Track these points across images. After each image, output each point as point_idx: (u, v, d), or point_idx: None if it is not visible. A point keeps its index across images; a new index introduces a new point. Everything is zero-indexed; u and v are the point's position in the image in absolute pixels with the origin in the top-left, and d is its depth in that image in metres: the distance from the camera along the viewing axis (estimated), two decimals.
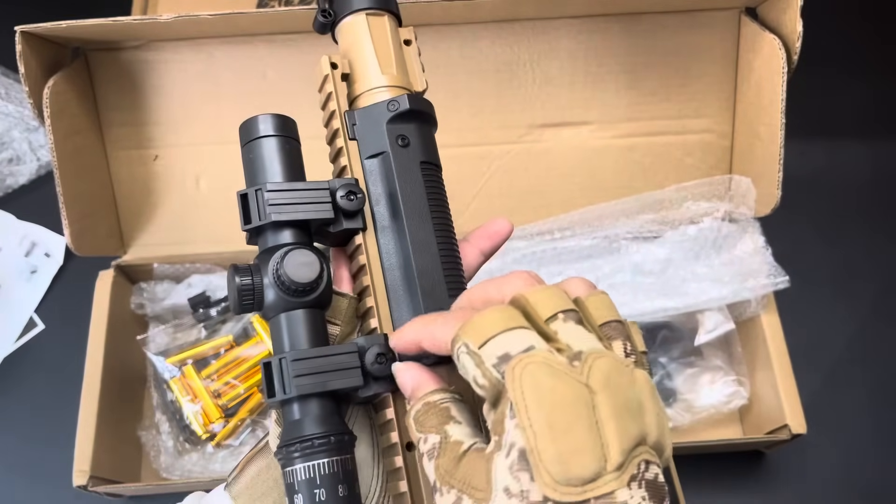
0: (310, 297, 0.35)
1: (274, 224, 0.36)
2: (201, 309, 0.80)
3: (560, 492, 0.25)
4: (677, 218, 0.76)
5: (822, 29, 0.73)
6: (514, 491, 0.26)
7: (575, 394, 0.27)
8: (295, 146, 0.39)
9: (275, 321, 0.35)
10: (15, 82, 0.92)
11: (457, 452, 0.29)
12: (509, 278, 0.32)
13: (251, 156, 0.38)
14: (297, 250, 0.35)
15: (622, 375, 0.28)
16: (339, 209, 0.37)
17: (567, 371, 0.27)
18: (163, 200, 0.80)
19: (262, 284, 0.35)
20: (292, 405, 0.34)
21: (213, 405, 0.76)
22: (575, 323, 0.30)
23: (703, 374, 0.78)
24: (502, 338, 0.29)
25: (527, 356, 0.27)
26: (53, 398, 0.80)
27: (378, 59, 0.41)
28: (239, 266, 0.35)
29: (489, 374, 0.28)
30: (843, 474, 0.76)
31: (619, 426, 0.26)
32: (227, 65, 0.76)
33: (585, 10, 0.75)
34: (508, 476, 0.27)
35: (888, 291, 0.86)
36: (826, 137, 0.93)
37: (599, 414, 0.26)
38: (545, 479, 0.26)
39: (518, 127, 0.80)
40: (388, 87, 0.40)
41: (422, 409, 0.32)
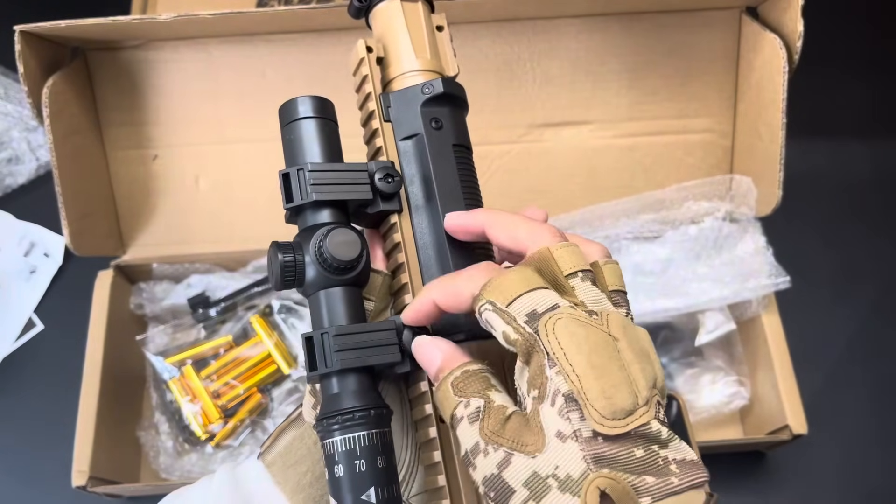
0: (349, 275, 0.36)
1: (315, 203, 0.37)
2: (200, 309, 0.80)
3: (608, 426, 0.28)
4: (678, 218, 0.76)
5: (823, 28, 0.73)
6: (567, 433, 0.29)
7: (604, 339, 0.30)
8: (333, 128, 0.39)
9: (314, 298, 0.36)
10: (14, 82, 0.92)
11: (503, 415, 0.31)
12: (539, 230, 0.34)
13: (291, 136, 0.39)
14: (339, 229, 0.36)
15: (633, 328, 0.31)
16: (377, 191, 0.38)
17: (592, 321, 0.30)
18: (162, 200, 0.80)
19: (303, 261, 0.36)
20: (331, 379, 0.35)
21: (212, 405, 0.76)
22: (591, 283, 0.33)
23: (704, 375, 0.78)
24: (528, 297, 0.31)
25: (554, 312, 0.30)
26: (52, 398, 0.79)
27: (412, 43, 0.42)
28: (281, 243, 0.36)
29: (522, 329, 0.31)
30: (844, 474, 0.76)
31: (641, 367, 0.30)
32: (226, 64, 0.76)
33: (586, 9, 0.75)
34: (558, 420, 0.29)
35: (889, 291, 0.85)
36: (827, 137, 0.93)
37: (624, 357, 0.30)
38: (594, 415, 0.28)
39: (518, 126, 0.79)
40: (421, 70, 0.41)
41: (461, 377, 0.33)
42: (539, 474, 0.29)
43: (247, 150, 0.79)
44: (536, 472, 0.29)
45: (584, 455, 0.29)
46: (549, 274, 0.33)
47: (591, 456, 0.28)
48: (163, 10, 0.87)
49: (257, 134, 0.79)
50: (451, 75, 0.43)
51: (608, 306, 0.32)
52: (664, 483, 0.29)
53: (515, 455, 0.30)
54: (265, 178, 0.80)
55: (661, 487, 0.28)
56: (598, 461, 0.28)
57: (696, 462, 0.30)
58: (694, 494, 0.29)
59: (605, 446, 0.29)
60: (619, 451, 0.29)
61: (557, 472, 0.29)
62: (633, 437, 0.29)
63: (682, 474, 0.29)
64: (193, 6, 0.68)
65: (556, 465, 0.29)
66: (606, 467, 0.28)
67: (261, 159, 0.79)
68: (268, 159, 0.79)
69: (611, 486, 0.28)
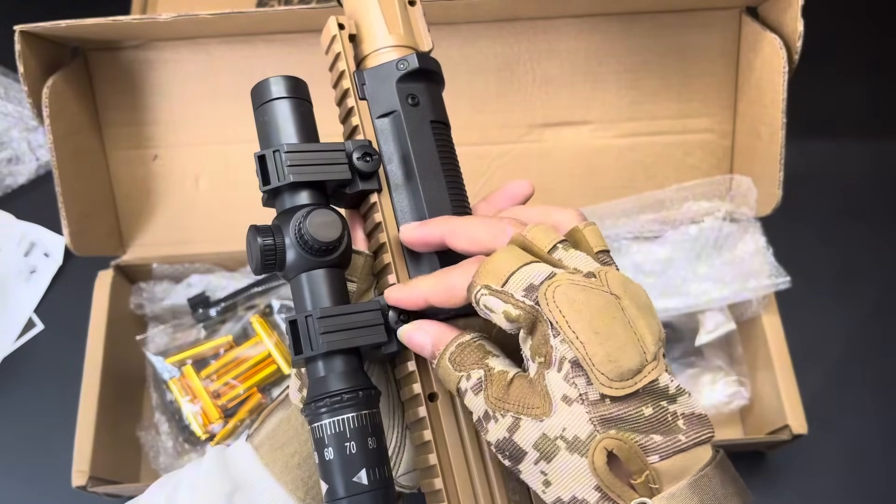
0: (331, 257, 0.35)
1: (293, 185, 0.36)
2: (201, 309, 0.80)
3: (615, 388, 0.29)
4: (678, 218, 0.76)
5: (823, 28, 0.73)
6: (573, 396, 0.29)
7: (606, 301, 0.30)
8: (308, 108, 0.39)
9: (296, 281, 0.36)
10: (14, 82, 0.92)
11: (505, 380, 0.31)
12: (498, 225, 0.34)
13: (266, 118, 0.38)
14: (319, 209, 0.35)
15: (632, 283, 0.31)
16: (356, 170, 0.37)
17: (592, 284, 0.30)
18: (162, 200, 0.80)
19: (283, 244, 0.35)
20: (317, 362, 0.35)
21: (212, 405, 0.76)
22: (574, 249, 0.33)
23: (704, 375, 0.78)
24: (521, 272, 0.31)
25: (552, 280, 0.30)
26: (52, 398, 0.79)
27: (385, 19, 0.41)
28: (259, 226, 0.36)
29: (521, 304, 0.31)
30: (845, 474, 0.76)
31: (646, 322, 0.30)
32: (226, 64, 0.76)
33: (586, 9, 0.75)
34: (565, 385, 0.29)
35: (889, 291, 0.85)
36: (827, 137, 0.93)
37: (628, 314, 0.30)
38: (600, 379, 0.29)
39: (518, 126, 0.79)
40: (395, 46, 0.40)
41: (456, 351, 0.33)
42: (548, 436, 0.30)
43: (247, 150, 0.78)
44: (545, 433, 0.30)
45: (591, 417, 0.29)
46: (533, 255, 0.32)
47: (597, 418, 0.29)
48: (163, 10, 0.87)
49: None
50: (426, 50, 0.42)
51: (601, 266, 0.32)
52: (672, 441, 0.29)
53: (523, 419, 0.30)
54: None
55: (669, 445, 0.29)
56: (605, 422, 0.29)
57: (703, 417, 0.30)
58: (701, 450, 0.30)
59: (612, 407, 0.29)
60: (628, 411, 0.29)
61: (565, 434, 0.29)
62: (642, 394, 0.29)
63: (689, 430, 0.29)
64: (193, 6, 0.68)
65: (564, 428, 0.29)
66: (614, 428, 0.29)
67: None
68: None
69: (617, 447, 0.28)
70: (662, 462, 0.29)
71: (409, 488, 0.40)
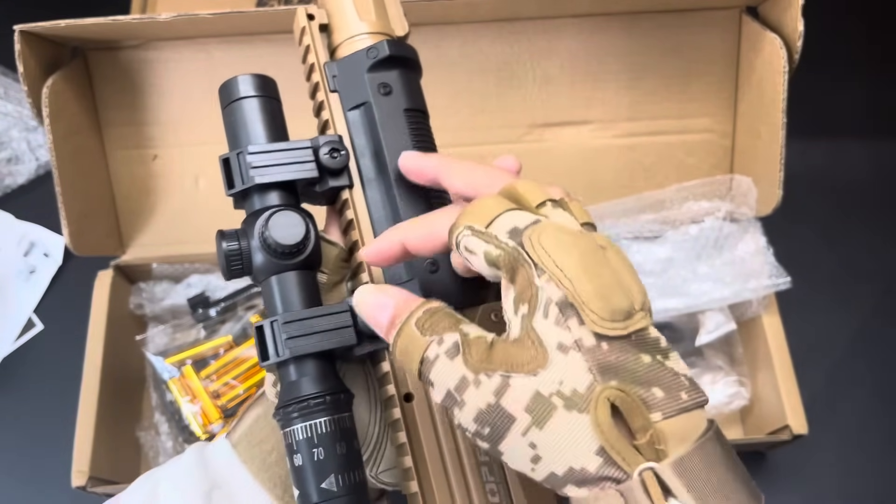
0: (297, 259, 0.35)
1: (258, 187, 0.35)
2: (200, 309, 0.80)
3: (608, 327, 0.26)
4: (678, 218, 0.76)
5: (824, 28, 0.73)
6: (568, 343, 0.27)
7: (593, 244, 0.28)
8: (276, 106, 0.38)
9: (265, 284, 0.35)
10: (14, 82, 0.92)
11: (485, 343, 0.29)
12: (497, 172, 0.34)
13: (232, 118, 0.37)
14: (281, 212, 0.34)
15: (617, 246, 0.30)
16: (324, 167, 0.36)
17: (578, 230, 0.29)
18: (162, 200, 0.80)
19: (249, 248, 0.35)
20: (288, 366, 0.34)
21: (212, 406, 0.76)
22: (563, 210, 0.31)
23: (704, 375, 0.77)
24: (507, 216, 0.30)
25: (538, 225, 0.29)
26: (52, 399, 0.79)
27: (355, 5, 0.40)
28: (225, 231, 0.35)
29: (504, 245, 0.29)
30: (845, 475, 0.76)
31: (632, 276, 0.28)
32: (226, 64, 0.76)
33: (586, 9, 0.75)
34: (557, 330, 0.27)
35: (890, 291, 0.85)
36: (827, 137, 0.93)
37: (614, 265, 0.28)
38: (592, 317, 0.26)
39: (518, 126, 0.79)
40: (366, 34, 0.39)
41: (425, 316, 0.30)
42: (542, 394, 0.26)
43: None
44: (539, 391, 0.26)
45: (590, 366, 0.26)
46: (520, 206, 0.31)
47: (596, 366, 0.26)
48: (163, 10, 0.87)
49: None
50: (401, 35, 0.41)
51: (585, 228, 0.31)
52: (674, 398, 0.26)
53: (514, 377, 0.27)
54: None
55: (672, 403, 0.26)
56: (605, 371, 0.26)
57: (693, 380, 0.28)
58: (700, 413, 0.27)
59: (610, 354, 0.26)
60: (627, 358, 0.26)
61: (562, 388, 0.26)
62: (636, 342, 0.27)
63: (691, 389, 0.27)
64: (193, 6, 0.68)
65: (561, 381, 0.26)
66: (614, 378, 0.26)
67: None
68: None
69: (621, 399, 0.25)
70: (666, 421, 0.26)
71: (391, 485, 0.39)
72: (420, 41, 0.43)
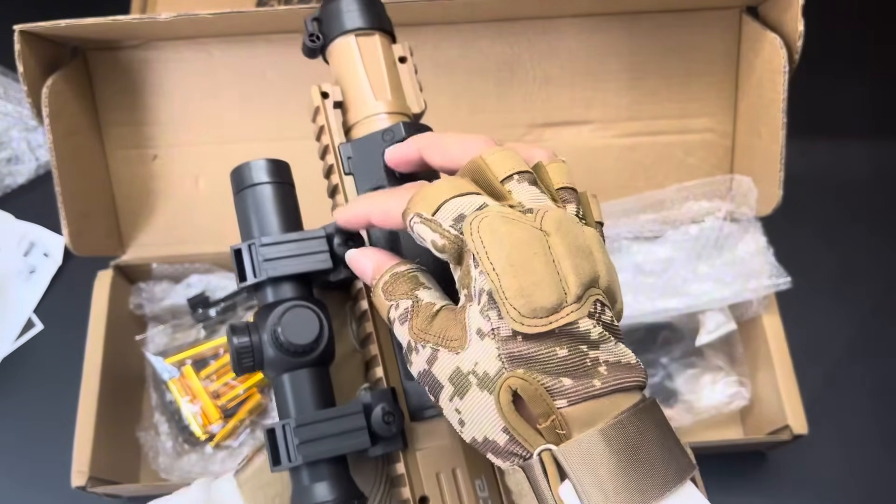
0: (310, 357, 0.34)
1: (270, 280, 0.35)
2: (200, 309, 0.80)
3: (527, 324, 0.28)
4: (678, 218, 0.76)
5: (824, 28, 0.73)
6: (486, 330, 0.29)
7: (531, 235, 0.29)
8: (289, 191, 0.37)
9: (277, 381, 0.34)
10: (13, 81, 0.92)
11: (430, 312, 0.31)
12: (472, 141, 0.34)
13: (244, 206, 0.36)
14: (295, 309, 0.34)
15: (572, 223, 0.30)
16: (338, 258, 0.36)
17: (521, 218, 0.29)
18: (162, 200, 0.80)
19: (260, 343, 0.34)
20: (300, 470, 0.34)
21: (212, 406, 0.76)
22: (529, 183, 0.31)
23: (704, 375, 0.77)
24: (454, 202, 0.30)
25: (481, 211, 0.29)
26: (52, 399, 0.79)
27: (371, 84, 0.39)
28: (236, 325, 0.34)
29: (447, 233, 0.30)
30: (845, 475, 0.76)
31: (573, 263, 0.28)
32: (226, 64, 0.76)
33: (586, 9, 0.75)
34: (479, 318, 0.29)
35: (889, 291, 0.85)
36: (827, 137, 0.93)
37: (555, 252, 0.28)
38: (511, 313, 0.28)
39: (519, 126, 0.79)
40: (382, 114, 0.39)
41: (389, 280, 0.33)
42: (461, 370, 0.29)
43: (247, 150, 0.79)
44: (459, 367, 0.29)
45: (500, 354, 0.28)
46: (483, 182, 0.32)
47: (506, 355, 0.28)
48: (163, 10, 0.87)
49: (257, 134, 0.79)
50: (417, 113, 0.40)
51: (548, 204, 0.31)
52: (584, 385, 0.28)
53: (441, 351, 0.30)
54: None
55: (580, 390, 0.28)
56: (514, 360, 0.28)
57: (633, 365, 0.29)
58: (621, 398, 0.28)
59: (522, 345, 0.28)
60: (539, 351, 0.28)
61: (476, 369, 0.29)
62: (558, 335, 0.28)
63: (608, 376, 0.28)
64: (193, 6, 0.68)
65: (476, 362, 0.29)
66: (523, 367, 0.28)
67: None
68: None
69: (522, 386, 0.28)
70: (571, 407, 0.28)
71: None
72: (420, 41, 0.43)
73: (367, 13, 0.40)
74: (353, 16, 0.40)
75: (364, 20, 0.40)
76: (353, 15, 0.40)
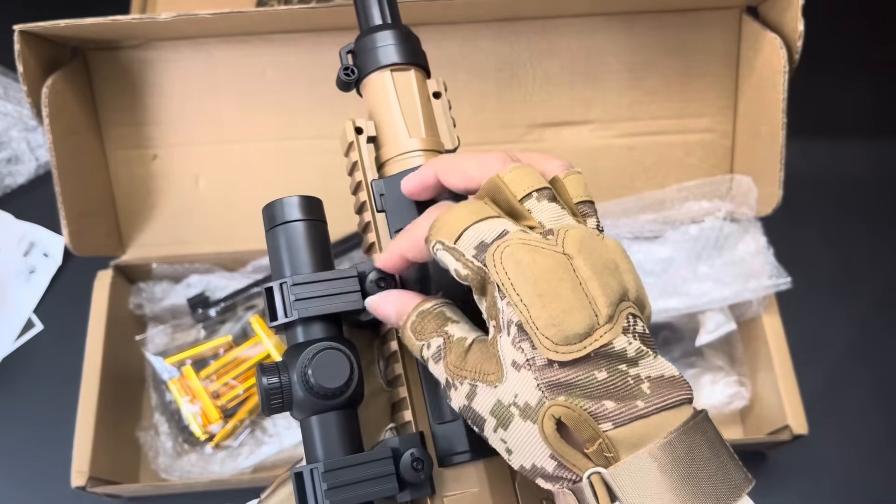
0: (339, 399, 0.34)
1: (301, 320, 0.34)
2: (200, 309, 0.80)
3: (561, 352, 0.28)
4: (678, 218, 0.76)
5: (824, 28, 0.73)
6: (521, 362, 0.29)
7: (555, 261, 0.29)
8: (321, 229, 0.37)
9: (305, 424, 0.34)
10: (13, 81, 0.92)
11: (462, 347, 0.31)
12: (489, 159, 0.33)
13: (276, 243, 0.36)
14: (326, 352, 0.33)
15: (594, 240, 0.30)
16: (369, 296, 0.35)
17: (543, 244, 0.29)
18: (162, 200, 0.80)
19: (290, 383, 0.34)
20: None
21: (212, 406, 0.76)
22: (548, 200, 0.31)
23: (704, 375, 0.77)
24: (474, 229, 0.30)
25: (502, 240, 0.29)
26: (52, 399, 0.79)
27: (405, 121, 0.39)
28: (266, 365, 0.34)
29: (470, 264, 0.30)
30: (845, 475, 0.76)
31: (601, 282, 0.29)
32: (226, 64, 0.76)
33: (586, 9, 0.75)
34: (512, 350, 0.29)
35: (889, 291, 0.85)
36: (827, 137, 0.93)
37: (581, 275, 0.29)
38: (545, 343, 0.28)
39: (519, 126, 0.79)
40: (417, 151, 0.38)
41: (417, 320, 0.33)
42: (502, 402, 0.29)
43: (247, 150, 0.79)
44: (500, 400, 0.29)
45: (539, 384, 0.28)
46: (503, 202, 0.32)
47: (545, 384, 0.28)
48: (162, 10, 0.87)
49: (257, 134, 0.79)
50: (450, 149, 0.40)
51: (568, 221, 0.31)
52: (627, 407, 0.28)
53: (479, 386, 0.30)
54: (265, 177, 0.79)
55: (624, 412, 0.28)
56: (553, 388, 0.28)
57: (676, 379, 0.29)
58: (669, 415, 0.28)
59: (560, 373, 0.28)
60: (578, 376, 0.28)
61: (517, 401, 0.29)
62: (595, 358, 0.28)
63: (651, 395, 0.28)
64: (193, 6, 0.68)
65: (516, 394, 0.29)
66: (563, 394, 0.28)
67: (261, 159, 0.79)
68: (268, 159, 0.79)
69: (565, 414, 0.27)
70: (617, 430, 0.27)
71: None
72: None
73: (403, 48, 0.40)
74: (389, 51, 0.40)
75: (400, 56, 0.40)
76: (389, 50, 0.40)
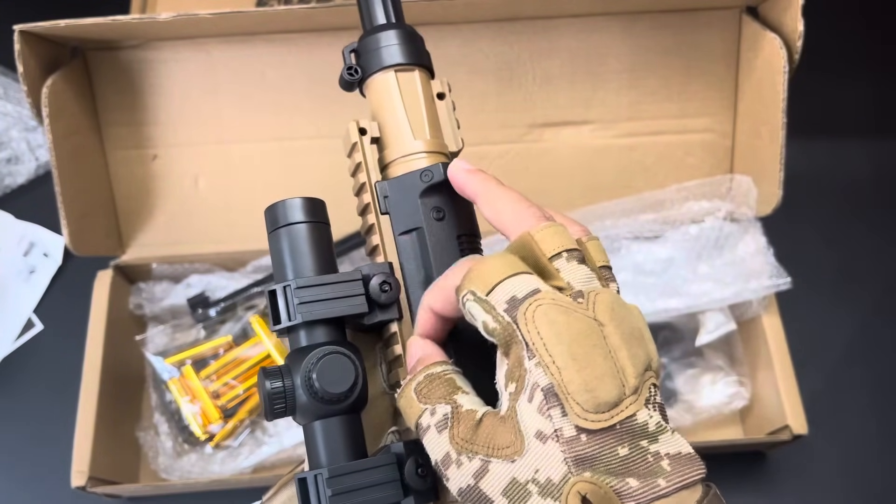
0: (344, 404, 0.34)
1: (305, 323, 0.34)
2: (200, 309, 0.80)
3: (591, 420, 0.27)
4: (678, 218, 0.76)
5: (824, 28, 0.73)
6: (548, 432, 0.27)
7: (588, 326, 0.28)
8: (325, 231, 0.36)
9: (309, 429, 0.34)
10: (13, 81, 0.92)
11: (473, 419, 0.30)
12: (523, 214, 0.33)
13: (278, 246, 0.36)
14: (331, 356, 0.33)
15: (623, 308, 0.29)
16: (373, 301, 0.35)
17: (575, 308, 0.28)
18: (161, 200, 0.80)
19: (293, 388, 0.33)
20: None
21: (211, 406, 0.76)
22: (578, 262, 0.31)
23: (704, 375, 0.77)
24: (508, 283, 0.29)
25: (535, 298, 0.29)
26: (52, 399, 0.79)
27: (410, 122, 0.38)
28: (268, 369, 0.34)
29: (500, 318, 0.29)
30: (845, 475, 0.76)
31: (630, 353, 0.28)
32: (226, 64, 0.76)
33: (586, 8, 0.75)
34: (538, 418, 0.28)
35: (889, 291, 0.85)
36: (827, 137, 0.93)
37: (611, 343, 0.28)
38: (576, 409, 0.27)
39: (518, 126, 0.79)
40: (421, 153, 0.38)
41: (424, 381, 0.32)
42: (518, 480, 0.28)
43: (247, 150, 0.79)
44: (515, 478, 0.28)
45: (566, 457, 0.27)
46: (531, 259, 0.31)
47: (572, 458, 0.27)
48: (162, 10, 0.87)
49: (257, 134, 0.79)
50: (455, 151, 0.40)
51: (597, 285, 0.31)
52: (649, 486, 0.27)
53: (493, 462, 0.28)
54: (265, 178, 0.79)
55: (647, 491, 0.27)
56: (580, 462, 0.27)
57: (691, 456, 0.28)
58: (686, 494, 0.28)
59: (587, 445, 0.27)
60: (602, 450, 0.27)
61: (537, 476, 0.27)
62: (618, 431, 0.27)
63: (672, 473, 0.28)
64: (193, 6, 0.68)
65: (537, 469, 0.27)
66: (588, 470, 0.27)
67: (261, 159, 0.79)
68: (268, 159, 0.79)
69: (591, 491, 0.27)
70: None
71: None
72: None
73: (408, 49, 0.40)
74: (393, 51, 0.39)
75: (404, 56, 0.39)
76: (394, 50, 0.39)
